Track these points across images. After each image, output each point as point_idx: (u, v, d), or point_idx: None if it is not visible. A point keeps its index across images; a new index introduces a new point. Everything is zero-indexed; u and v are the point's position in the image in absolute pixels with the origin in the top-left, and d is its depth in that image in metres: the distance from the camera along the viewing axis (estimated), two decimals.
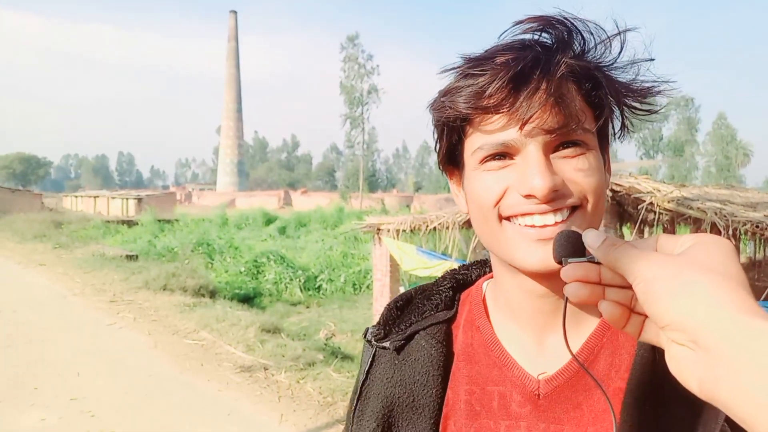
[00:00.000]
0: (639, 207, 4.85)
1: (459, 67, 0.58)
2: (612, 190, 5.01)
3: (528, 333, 0.64)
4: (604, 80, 0.57)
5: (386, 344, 0.69)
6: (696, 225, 5.04)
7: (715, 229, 4.54)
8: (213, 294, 10.12)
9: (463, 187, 0.64)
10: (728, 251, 0.41)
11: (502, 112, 0.55)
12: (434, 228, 7.07)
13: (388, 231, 7.47)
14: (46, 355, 5.96)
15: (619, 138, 0.63)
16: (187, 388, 5.07)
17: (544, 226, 0.55)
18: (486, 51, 0.57)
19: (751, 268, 7.51)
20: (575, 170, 0.56)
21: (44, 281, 10.47)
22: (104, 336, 6.77)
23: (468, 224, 6.96)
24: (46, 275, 11.10)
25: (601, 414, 0.58)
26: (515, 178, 0.56)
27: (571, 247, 0.49)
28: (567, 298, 0.49)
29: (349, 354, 7.10)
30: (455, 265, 0.77)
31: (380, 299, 8.16)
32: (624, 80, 0.58)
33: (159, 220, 23.75)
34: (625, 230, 6.45)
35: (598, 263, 0.46)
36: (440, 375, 0.66)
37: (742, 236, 4.56)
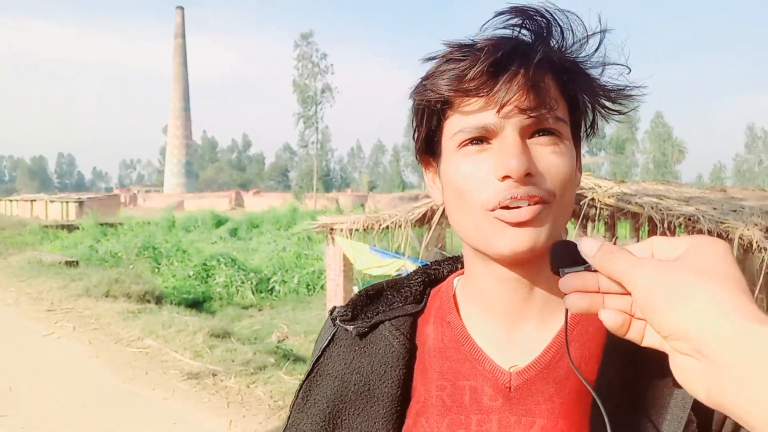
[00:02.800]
0: (581, 203, 5.03)
1: (443, 54, 0.59)
2: None
3: (499, 325, 0.63)
4: (579, 76, 0.59)
5: (349, 328, 0.68)
6: (635, 219, 5.26)
7: (652, 222, 4.77)
8: (159, 300, 9.77)
9: (439, 176, 0.63)
10: (724, 253, 0.40)
11: (482, 96, 0.56)
12: (387, 227, 7.08)
13: (341, 230, 7.42)
14: None
15: (588, 137, 0.64)
16: (131, 398, 4.86)
17: (518, 207, 0.55)
18: (468, 38, 0.59)
19: None
20: (549, 156, 0.57)
21: None
22: (40, 347, 6.40)
23: (420, 222, 7.00)
24: None
25: (574, 406, 0.58)
26: (492, 162, 0.56)
27: (567, 256, 0.49)
28: (567, 309, 0.48)
29: (302, 356, 7.01)
30: (408, 263, 0.76)
31: (334, 299, 8.09)
32: (598, 79, 0.59)
33: (101, 224, 22.65)
34: (568, 225, 6.68)
35: (596, 271, 0.46)
36: (400, 367, 0.65)
37: (677, 229, 4.80)
